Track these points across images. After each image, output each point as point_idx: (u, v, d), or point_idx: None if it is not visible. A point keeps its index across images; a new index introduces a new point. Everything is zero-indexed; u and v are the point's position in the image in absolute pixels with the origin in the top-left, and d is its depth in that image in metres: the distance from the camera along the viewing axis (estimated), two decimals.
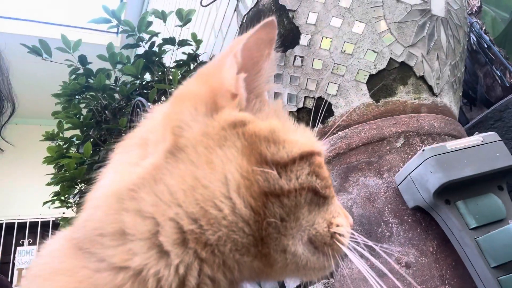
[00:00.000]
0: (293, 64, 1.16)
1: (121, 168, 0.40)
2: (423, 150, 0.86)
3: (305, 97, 1.16)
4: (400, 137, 1.03)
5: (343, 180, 1.07)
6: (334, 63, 1.10)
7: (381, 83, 1.08)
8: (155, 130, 0.41)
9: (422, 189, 0.87)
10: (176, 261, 0.36)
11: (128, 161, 0.40)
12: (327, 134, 1.12)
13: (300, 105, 1.17)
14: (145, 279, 0.36)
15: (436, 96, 1.11)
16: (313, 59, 1.13)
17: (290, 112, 1.21)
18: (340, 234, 0.43)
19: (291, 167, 0.39)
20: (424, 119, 1.05)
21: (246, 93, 0.41)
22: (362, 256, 0.97)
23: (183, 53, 2.88)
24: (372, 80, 1.09)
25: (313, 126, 1.14)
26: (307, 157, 0.41)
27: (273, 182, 0.38)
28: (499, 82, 1.53)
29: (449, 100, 1.15)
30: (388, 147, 1.03)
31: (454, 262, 0.89)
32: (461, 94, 1.24)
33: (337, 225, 0.43)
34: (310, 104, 1.15)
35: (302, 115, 1.18)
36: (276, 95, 1.22)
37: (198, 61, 2.94)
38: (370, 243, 0.56)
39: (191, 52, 2.90)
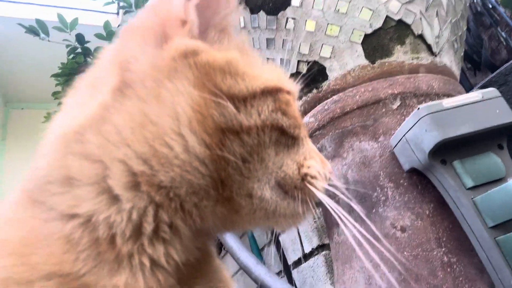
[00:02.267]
0: (285, 27, 1.11)
1: (69, 110, 0.38)
2: (418, 108, 0.82)
3: (298, 61, 1.11)
4: (397, 99, 0.99)
5: (338, 145, 1.03)
6: (328, 24, 1.05)
7: (377, 43, 1.03)
8: (104, 68, 0.38)
9: (417, 149, 0.84)
10: (127, 206, 0.33)
11: (77, 102, 0.37)
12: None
13: (293, 71, 1.13)
14: (95, 226, 0.33)
15: (435, 55, 1.06)
16: (306, 20, 1.08)
17: None
18: (312, 176, 0.40)
19: (252, 102, 0.36)
20: (422, 80, 1.00)
21: (198, 20, 0.37)
22: (356, 221, 0.94)
23: None
24: (368, 41, 1.04)
25: (308, 92, 1.11)
26: (272, 93, 0.37)
27: (230, 117, 0.34)
28: (505, 44, 1.46)
29: (449, 60, 1.09)
30: (384, 110, 0.99)
31: (451, 225, 0.86)
32: (462, 54, 1.18)
33: (309, 167, 0.40)
34: (304, 68, 1.11)
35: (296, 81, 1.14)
36: (269, 61, 1.18)
37: None
38: (357, 209, 0.53)
39: None
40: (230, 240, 1.27)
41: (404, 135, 0.87)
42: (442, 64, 1.07)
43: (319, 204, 0.43)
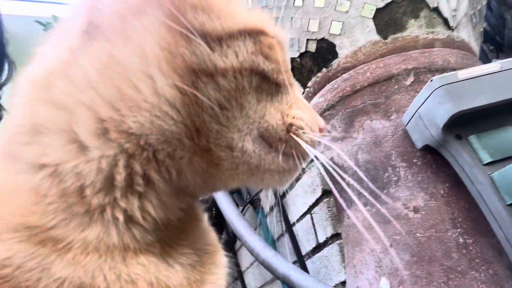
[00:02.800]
0: (293, 5, 1.08)
1: (40, 58, 0.36)
2: (431, 80, 0.77)
3: (307, 40, 1.08)
4: (410, 75, 0.94)
5: (348, 125, 0.99)
6: None
7: (389, 17, 0.99)
8: (74, 12, 0.36)
9: (430, 124, 0.79)
10: (96, 154, 0.31)
11: (47, 50, 0.36)
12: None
13: (303, 50, 1.09)
14: (63, 177, 0.31)
15: (452, 30, 1.00)
16: None
17: (293, 59, 1.13)
18: (298, 127, 0.37)
19: (228, 41, 0.33)
20: (437, 54, 0.95)
21: None
22: (366, 204, 0.90)
23: None
24: (379, 15, 0.99)
25: (317, 72, 1.07)
26: (252, 34, 0.34)
27: (203, 56, 0.31)
28: None
29: (468, 35, 1.03)
30: (396, 86, 0.94)
31: (468, 205, 0.81)
32: (481, 30, 1.12)
33: (294, 117, 0.37)
34: (313, 47, 1.07)
35: (305, 61, 1.11)
36: None
37: None
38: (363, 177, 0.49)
39: None
40: (239, 224, 1.24)
41: (416, 110, 0.83)
42: (459, 39, 1.01)
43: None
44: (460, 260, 0.76)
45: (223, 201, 1.31)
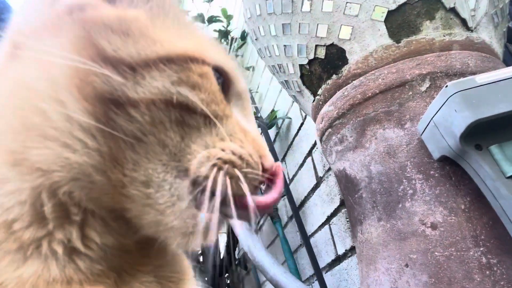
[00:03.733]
0: (301, 10, 1.04)
1: None
2: (446, 86, 0.71)
3: (316, 46, 1.03)
4: (425, 80, 0.88)
5: (359, 134, 0.94)
6: (346, 2, 0.96)
7: (402, 19, 0.93)
8: (6, 30, 0.33)
9: (447, 134, 0.73)
10: (13, 186, 0.28)
11: None
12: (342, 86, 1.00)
13: (311, 56, 1.05)
14: None
15: (472, 31, 0.94)
16: (323, 1, 0.99)
17: (302, 66, 1.09)
18: (226, 161, 0.32)
19: (144, 70, 0.29)
20: (455, 57, 0.88)
21: None
22: (380, 219, 0.85)
23: (214, 30, 2.81)
24: (391, 18, 0.94)
25: (327, 79, 1.03)
26: (177, 62, 0.30)
27: (114, 86, 0.28)
28: None
29: (489, 36, 0.96)
30: (411, 93, 0.88)
31: (491, 221, 0.74)
32: (505, 29, 1.04)
33: (223, 150, 0.32)
34: (322, 53, 1.03)
35: (314, 68, 1.06)
36: (286, 48, 1.11)
37: (230, 38, 2.86)
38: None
39: (222, 28, 2.82)
40: (247, 239, 1.20)
41: (432, 118, 0.76)
42: (479, 40, 0.94)
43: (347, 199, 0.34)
44: (483, 282, 0.69)
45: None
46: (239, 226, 1.19)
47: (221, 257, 2.71)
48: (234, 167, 0.32)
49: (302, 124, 1.93)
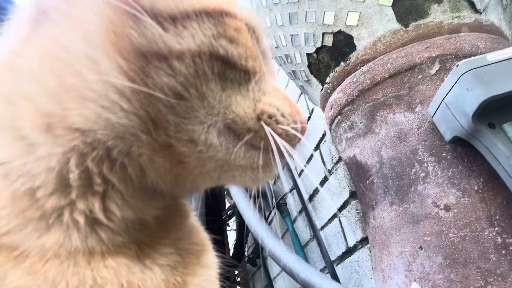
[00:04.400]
0: None
1: None
2: (457, 65, 0.71)
3: (323, 33, 1.03)
4: (435, 63, 0.87)
5: (369, 120, 0.93)
6: None
7: (410, 3, 0.92)
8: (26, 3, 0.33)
9: (459, 113, 0.72)
10: (43, 152, 0.28)
11: (3, 40, 0.33)
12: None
13: (319, 44, 1.05)
14: (12, 177, 0.28)
15: (480, 13, 0.93)
16: None
17: (309, 55, 1.09)
18: (270, 115, 0.32)
19: (184, 22, 0.29)
20: (465, 39, 0.88)
21: None
22: (392, 203, 0.84)
23: None
24: (399, 2, 0.93)
25: (335, 66, 1.02)
26: (213, 15, 0.30)
27: (154, 37, 0.27)
28: None
29: (498, 18, 0.95)
30: (420, 76, 0.88)
31: (506, 201, 0.73)
32: None
33: (267, 104, 0.32)
34: (330, 41, 1.03)
35: (322, 56, 1.06)
36: (293, 37, 1.11)
37: None
38: None
39: None
40: (259, 229, 1.20)
41: (443, 99, 0.76)
42: (488, 22, 0.93)
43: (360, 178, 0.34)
44: (499, 261, 0.68)
45: (243, 205, 1.28)
46: (251, 217, 1.19)
47: (230, 253, 2.71)
48: (278, 123, 0.32)
49: (309, 118, 1.93)
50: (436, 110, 0.79)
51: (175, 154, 0.30)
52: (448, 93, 0.74)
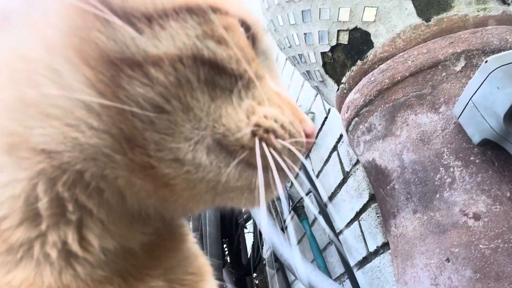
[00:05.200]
0: None
1: None
2: (486, 61, 0.65)
3: (338, 31, 0.98)
4: (460, 59, 0.81)
5: (389, 122, 0.88)
6: None
7: None
8: None
9: (488, 114, 0.66)
10: (7, 177, 0.24)
11: None
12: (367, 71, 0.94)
13: (334, 42, 1.00)
14: None
15: (508, 4, 0.86)
16: None
17: (324, 54, 1.03)
18: (266, 130, 0.27)
19: (162, 21, 0.24)
20: (492, 33, 0.81)
21: None
22: (416, 211, 0.78)
23: None
24: None
25: (351, 65, 0.97)
26: (198, 12, 0.26)
27: (125, 41, 0.23)
28: None
29: None
30: (444, 74, 0.81)
31: None
32: None
33: (262, 116, 0.28)
34: (345, 39, 0.97)
35: (337, 55, 1.01)
36: (306, 36, 1.06)
37: None
38: None
39: None
40: (274, 236, 1.16)
41: (470, 99, 0.70)
42: None
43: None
44: None
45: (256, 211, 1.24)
46: (265, 224, 1.15)
47: (248, 256, 2.68)
48: (277, 137, 0.27)
49: (326, 118, 1.87)
50: (463, 110, 0.73)
51: (158, 175, 0.26)
52: (476, 92, 0.68)
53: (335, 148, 1.84)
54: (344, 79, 1.02)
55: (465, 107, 0.72)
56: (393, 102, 0.87)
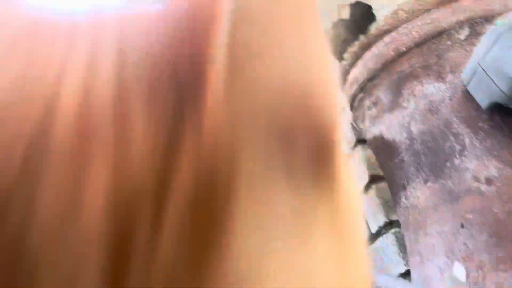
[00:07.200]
0: None
1: None
2: (496, 24, 0.65)
3: (339, 6, 0.97)
4: (464, 27, 0.81)
5: (395, 94, 0.88)
6: None
7: None
8: None
9: (498, 76, 0.66)
10: None
11: None
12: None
13: (335, 19, 0.99)
14: None
15: None
16: None
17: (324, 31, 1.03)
18: None
19: None
20: (494, 0, 0.81)
21: None
22: (427, 181, 0.78)
23: None
24: None
25: (353, 40, 0.96)
26: None
27: None
28: None
29: None
30: (449, 42, 0.81)
31: None
32: None
33: None
34: (346, 14, 0.97)
35: (338, 31, 1.00)
36: None
37: None
38: None
39: None
40: None
41: (478, 64, 0.70)
42: None
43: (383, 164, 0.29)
44: None
45: None
46: None
47: None
48: None
49: None
50: (471, 76, 0.73)
51: None
52: (485, 56, 0.68)
53: None
54: (346, 55, 1.01)
55: (473, 73, 0.72)
56: (398, 74, 0.87)
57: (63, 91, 0.11)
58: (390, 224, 1.51)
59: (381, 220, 1.56)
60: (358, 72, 0.96)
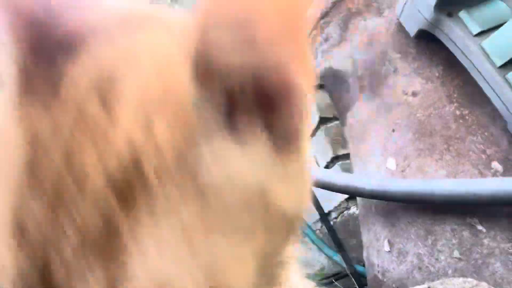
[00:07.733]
0: None
1: None
2: None
3: None
4: None
5: (343, 29, 1.04)
6: None
7: None
8: None
9: (422, 7, 0.84)
10: None
11: None
12: None
13: None
14: None
15: None
16: None
17: None
18: None
19: None
20: None
21: None
22: (368, 98, 0.96)
23: None
24: None
25: None
26: None
27: None
28: None
29: None
30: None
31: (462, 83, 0.87)
32: None
33: None
34: None
35: None
36: None
37: None
38: None
39: None
40: None
41: None
42: None
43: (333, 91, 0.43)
44: (458, 128, 0.83)
45: None
46: None
47: None
48: None
49: None
50: (402, 9, 0.90)
51: None
52: None
53: None
54: None
55: (404, 5, 0.89)
56: (346, 11, 1.02)
57: None
58: (337, 158, 1.72)
59: (329, 155, 1.76)
60: (312, 11, 1.10)
